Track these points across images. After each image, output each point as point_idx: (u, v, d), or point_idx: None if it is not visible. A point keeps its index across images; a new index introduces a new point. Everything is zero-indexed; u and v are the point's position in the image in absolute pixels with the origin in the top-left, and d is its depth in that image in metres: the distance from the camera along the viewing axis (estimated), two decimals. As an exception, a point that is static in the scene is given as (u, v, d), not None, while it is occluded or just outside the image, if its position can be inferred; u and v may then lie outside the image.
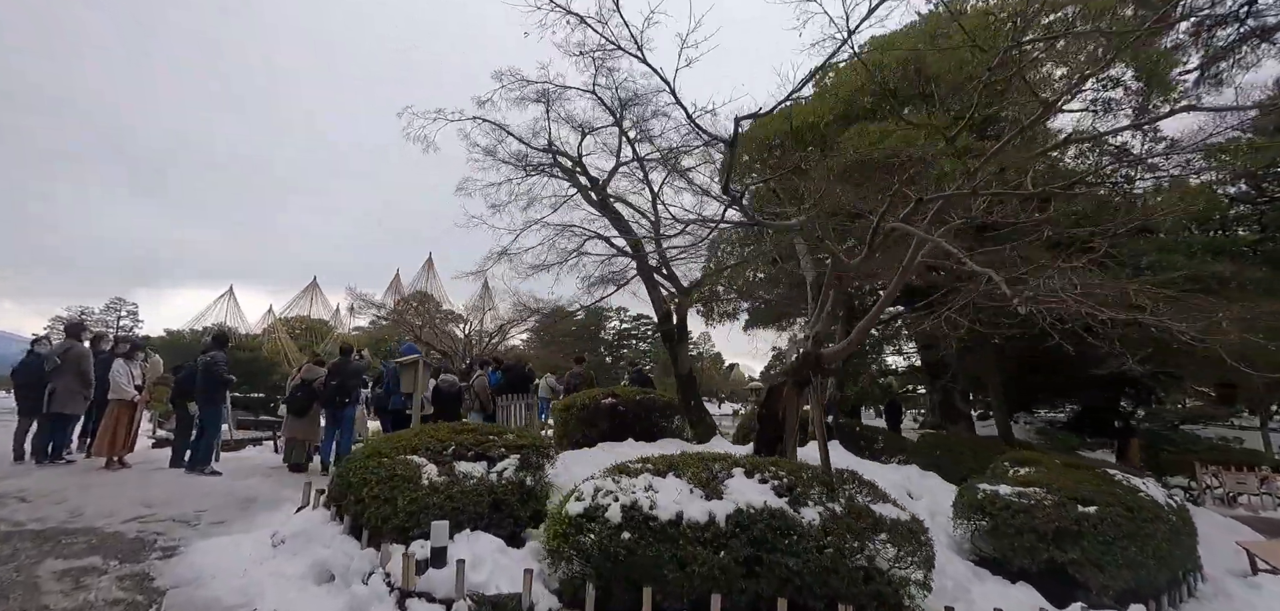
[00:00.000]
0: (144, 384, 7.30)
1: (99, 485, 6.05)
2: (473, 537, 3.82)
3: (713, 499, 3.79)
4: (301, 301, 32.21)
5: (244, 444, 8.72)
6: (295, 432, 7.36)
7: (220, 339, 7.43)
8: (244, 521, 5.20)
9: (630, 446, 7.67)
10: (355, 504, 4.23)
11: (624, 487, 3.88)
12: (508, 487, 4.31)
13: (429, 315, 30.18)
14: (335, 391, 7.20)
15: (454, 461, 4.54)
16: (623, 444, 7.84)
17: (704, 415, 7.74)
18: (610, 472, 4.25)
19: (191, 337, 20.79)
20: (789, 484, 4.09)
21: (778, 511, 3.72)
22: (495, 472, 4.49)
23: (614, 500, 3.68)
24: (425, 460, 4.43)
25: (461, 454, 4.66)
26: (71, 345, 7.25)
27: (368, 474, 4.29)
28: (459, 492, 4.04)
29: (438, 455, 4.56)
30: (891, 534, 3.81)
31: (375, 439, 4.95)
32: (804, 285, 12.07)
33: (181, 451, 7.33)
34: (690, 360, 8.07)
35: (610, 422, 8.22)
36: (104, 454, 6.89)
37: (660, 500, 3.69)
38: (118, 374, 6.98)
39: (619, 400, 8.37)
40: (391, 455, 4.47)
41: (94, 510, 5.16)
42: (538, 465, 4.77)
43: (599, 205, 8.61)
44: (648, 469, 4.23)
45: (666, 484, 3.97)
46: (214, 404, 6.99)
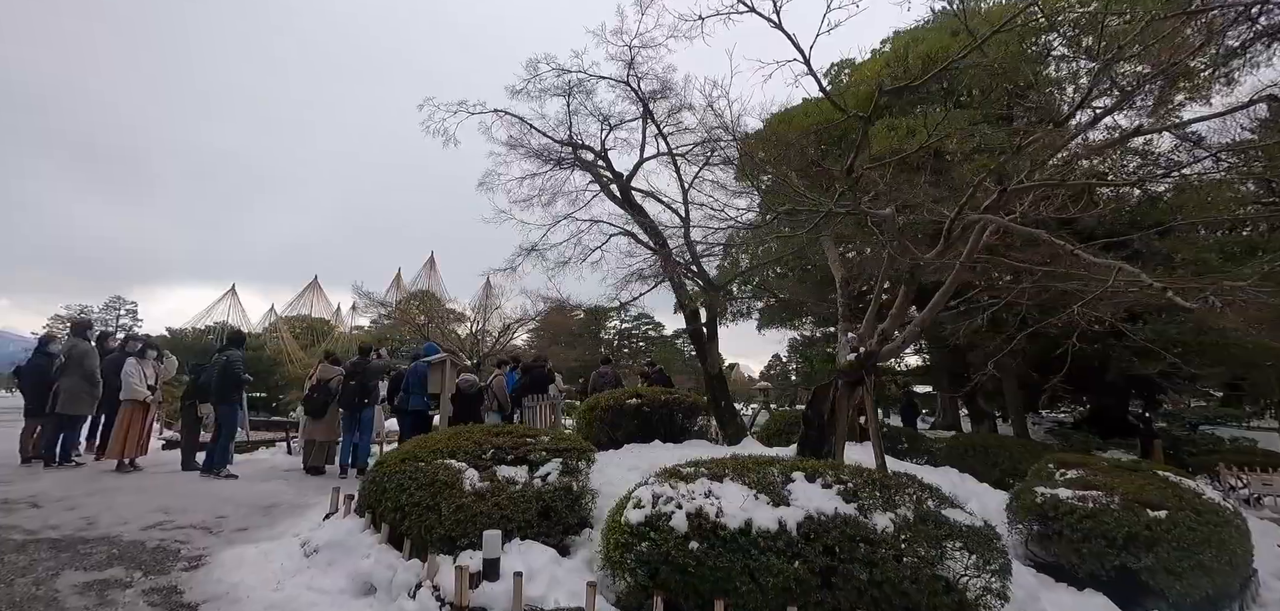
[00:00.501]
0: (157, 384, 7.04)
1: (112, 489, 5.80)
2: (524, 547, 3.60)
3: (780, 505, 3.57)
4: (302, 300, 31.92)
5: (258, 445, 8.46)
6: (314, 434, 7.11)
7: (236, 338, 7.18)
8: (269, 528, 4.96)
9: (658, 448, 7.45)
10: (393, 511, 3.99)
11: (683, 493, 3.65)
12: (555, 493, 4.08)
13: (432, 313, 29.95)
14: (355, 392, 6.95)
15: (494, 465, 4.31)
16: (649, 445, 7.62)
17: (735, 416, 7.52)
18: (662, 477, 4.03)
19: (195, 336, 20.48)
20: (854, 489, 3.87)
21: (850, 518, 3.50)
22: (539, 477, 4.26)
23: (677, 507, 3.46)
24: (465, 465, 4.19)
25: (501, 457, 4.43)
26: (75, 343, 6.99)
27: (405, 479, 4.05)
28: (506, 499, 3.81)
29: (477, 459, 4.33)
30: (966, 541, 3.60)
31: (408, 442, 4.72)
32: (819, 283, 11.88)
33: (191, 453, 7.08)
34: (720, 359, 7.84)
35: (635, 423, 8.00)
36: (116, 456, 6.64)
37: (726, 507, 3.46)
38: (130, 374, 6.72)
39: (644, 400, 8.14)
40: (428, 459, 4.24)
41: (110, 517, 4.91)
42: (580, 469, 4.53)
43: (622, 201, 8.38)
44: (702, 473, 4.01)
45: (727, 489, 3.75)
46: (231, 404, 6.74)
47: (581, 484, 4.34)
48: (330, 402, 7.19)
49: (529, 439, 4.92)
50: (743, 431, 7.28)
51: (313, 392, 7.24)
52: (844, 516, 3.53)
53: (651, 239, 8.25)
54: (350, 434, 7.19)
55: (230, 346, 7.07)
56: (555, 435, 5.20)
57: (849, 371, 4.92)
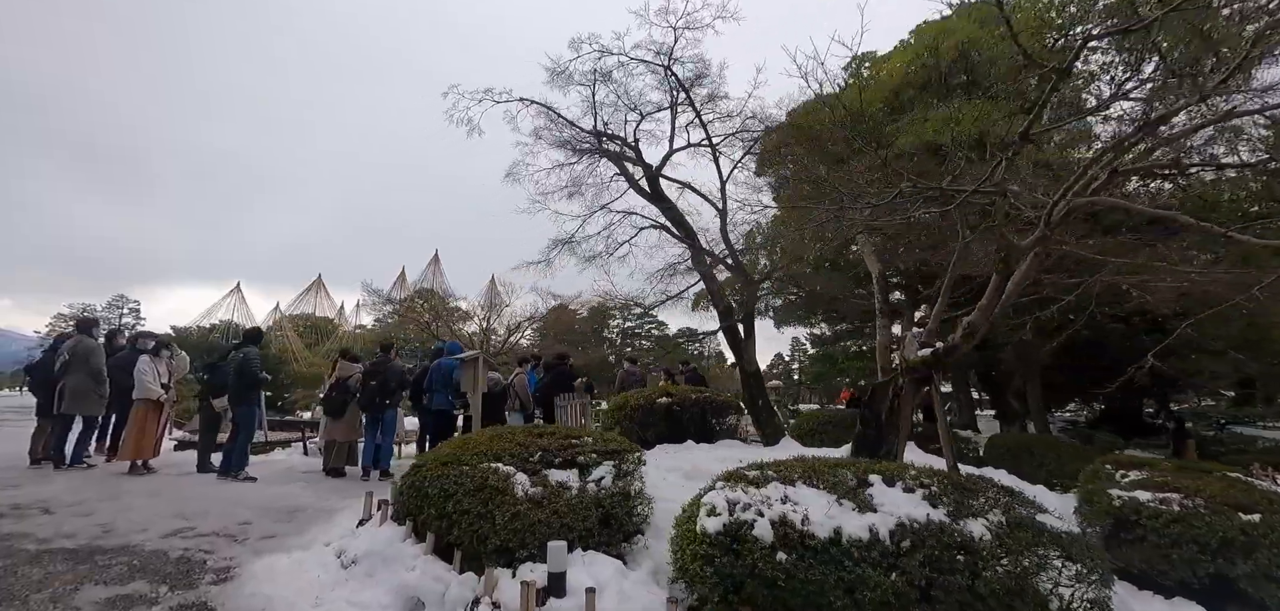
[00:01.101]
0: (170, 382, 6.74)
1: (127, 493, 5.50)
2: (588, 558, 3.30)
3: (866, 511, 3.28)
4: (306, 299, 31.64)
5: (273, 445, 8.15)
6: (333, 434, 6.81)
7: (253, 335, 6.89)
8: (297, 535, 4.66)
9: (692, 450, 7.17)
10: (438, 519, 3.69)
11: (758, 499, 3.36)
12: (613, 499, 3.79)
13: (437, 312, 29.65)
14: (376, 392, 6.65)
15: (543, 469, 4.02)
16: (682, 446, 7.34)
17: (772, 415, 7.23)
18: (729, 481, 3.74)
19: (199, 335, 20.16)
20: (938, 493, 3.58)
21: (944, 526, 3.21)
22: (593, 482, 3.96)
23: (758, 515, 3.16)
24: (513, 469, 3.90)
25: (549, 460, 4.13)
26: (80, 340, 6.68)
27: (450, 485, 3.75)
28: (564, 506, 3.52)
29: (525, 462, 4.03)
30: (1067, 549, 3.31)
31: (447, 444, 4.42)
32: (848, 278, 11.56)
33: (206, 454, 6.78)
34: (754, 356, 7.56)
35: (666, 424, 7.72)
36: (128, 458, 6.34)
37: (811, 515, 3.17)
38: (143, 372, 6.42)
39: (675, 399, 7.86)
40: (472, 463, 3.94)
41: (127, 523, 4.62)
42: (633, 471, 4.24)
43: (650, 194, 8.08)
44: (772, 475, 3.73)
45: (804, 494, 3.46)
46: (248, 404, 6.44)
47: (637, 488, 4.05)
48: (349, 401, 6.89)
49: (573, 440, 4.64)
50: (780, 431, 6.99)
51: (331, 391, 6.94)
52: (938, 523, 3.25)
53: (680, 232, 7.95)
54: (371, 434, 6.89)
55: (247, 343, 6.77)
56: (600, 436, 4.90)
57: (918, 368, 4.62)
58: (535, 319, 23.82)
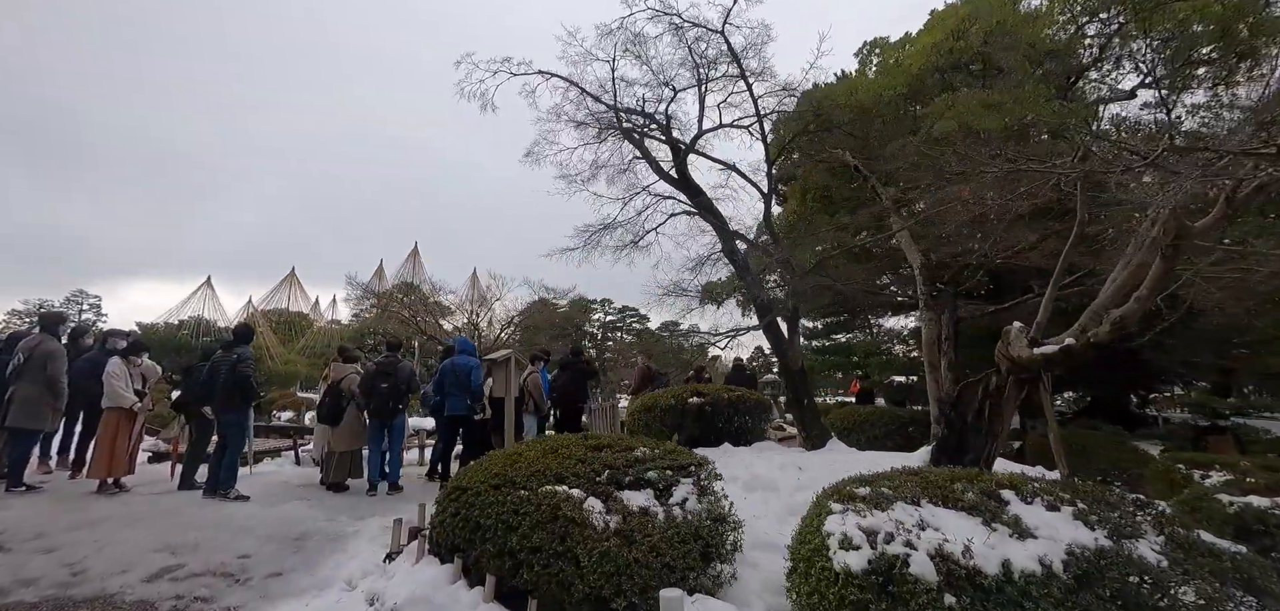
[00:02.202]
0: (146, 388, 5.89)
1: (100, 521, 4.69)
2: (696, 604, 2.71)
3: (1026, 538, 2.77)
4: (280, 293, 30.17)
5: (262, 455, 7.34)
6: (336, 444, 6.06)
7: (243, 333, 6.07)
8: (308, 572, 3.96)
9: (733, 453, 6.63)
10: (498, 557, 3.06)
11: (890, 523, 2.83)
12: (709, 527, 3.21)
13: (415, 307, 28.59)
14: (389, 395, 5.92)
15: (611, 489, 3.42)
16: (719, 450, 6.80)
17: (818, 416, 6.74)
18: (840, 499, 3.20)
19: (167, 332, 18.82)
20: (1083, 508, 3.12)
21: (1117, 553, 2.73)
22: (675, 504, 3.38)
23: (908, 546, 2.62)
24: (582, 491, 3.29)
25: (618, 479, 3.54)
26: (41, 341, 5.77)
27: (510, 514, 3.13)
28: (660, 539, 2.92)
29: (592, 483, 3.43)
30: (1246, 575, 2.87)
31: (490, 460, 3.77)
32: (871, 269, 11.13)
33: (193, 469, 5.97)
34: (802, 354, 7.04)
35: (699, 426, 7.18)
36: (98, 476, 5.50)
37: (974, 547, 2.64)
38: (114, 376, 5.58)
39: (707, 399, 7.31)
40: (532, 485, 3.32)
41: (102, 562, 3.85)
42: (714, 490, 3.67)
43: (677, 180, 7.47)
44: (891, 494, 3.20)
45: (943, 517, 2.94)
46: (239, 412, 5.66)
47: (725, 510, 3.48)
48: (346, 406, 6.14)
49: (632, 452, 4.05)
50: (826, 433, 6.51)
51: (326, 397, 6.17)
52: (1102, 549, 2.77)
53: (708, 219, 7.38)
54: (378, 443, 6.16)
55: (238, 342, 5.96)
56: (657, 444, 4.31)
57: (1029, 366, 4.14)
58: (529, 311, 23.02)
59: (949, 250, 7.17)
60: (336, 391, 6.02)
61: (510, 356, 5.30)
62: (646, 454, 4.00)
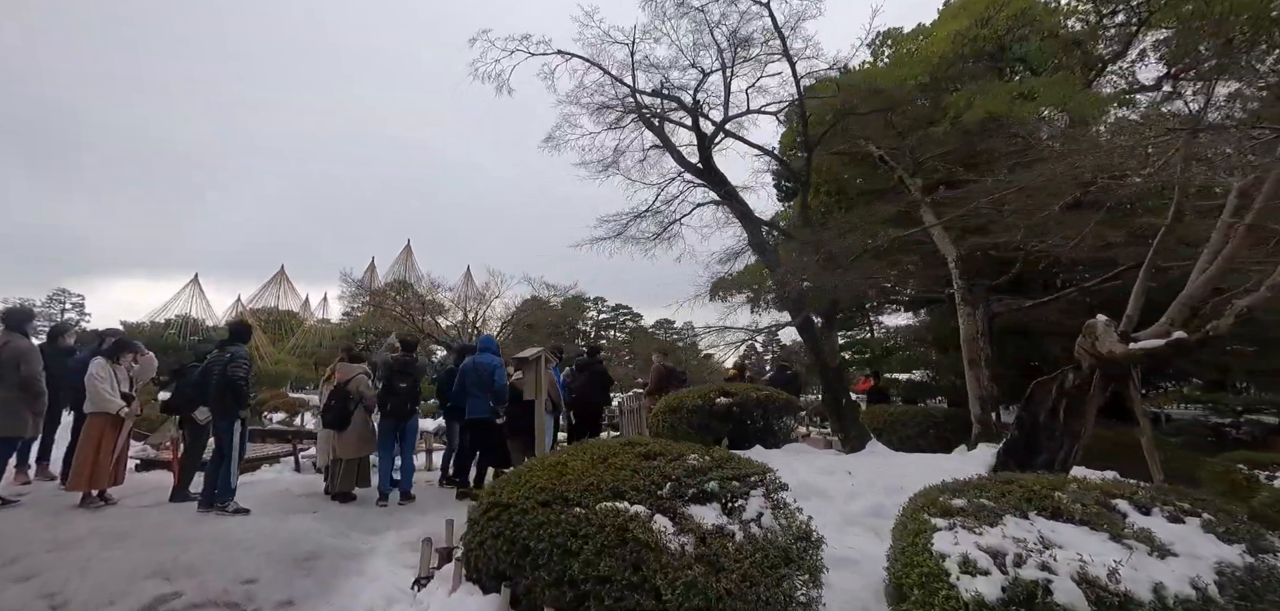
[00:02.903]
0: (134, 391, 5.38)
1: (82, 538, 4.21)
2: (801, 648, 2.31)
3: (1166, 556, 2.43)
4: (269, 291, 29.38)
5: (259, 461, 6.83)
6: (343, 451, 5.59)
7: (239, 330, 5.58)
8: (323, 598, 3.52)
9: (764, 457, 6.25)
10: (554, 587, 2.65)
11: (1010, 542, 2.47)
12: (798, 548, 2.82)
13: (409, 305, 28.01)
14: (407, 397, 5.46)
15: (675, 504, 3.02)
16: (747, 452, 6.42)
17: (856, 416, 6.38)
18: (939, 513, 2.84)
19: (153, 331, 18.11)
20: (1209, 521, 2.80)
21: (1260, 570, 2.42)
22: (751, 520, 2.98)
23: (1046, 570, 2.26)
24: (645, 508, 2.88)
25: (680, 492, 3.13)
26: (6, 341, 5.24)
27: (566, 536, 2.72)
28: (752, 566, 2.52)
29: (653, 496, 3.03)
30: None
31: (531, 474, 3.34)
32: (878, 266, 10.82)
33: (188, 480, 5.48)
34: (839, 351, 6.68)
35: (727, 427, 6.79)
36: (81, 488, 4.99)
37: (1124, 569, 2.28)
38: (98, 378, 5.07)
39: (735, 399, 6.93)
40: (587, 502, 2.91)
41: (87, 590, 3.38)
42: (784, 502, 3.28)
43: (701, 170, 7.07)
44: (984, 502, 2.87)
45: (1065, 533, 2.63)
46: (234, 417, 5.17)
47: (808, 526, 3.09)
48: (353, 409, 5.67)
49: (681, 459, 3.65)
50: (865, 435, 6.16)
51: (329, 399, 5.69)
52: (1260, 569, 2.43)
53: (732, 208, 6.99)
54: (390, 450, 5.70)
55: (233, 340, 5.46)
56: (706, 451, 3.91)
57: (1122, 362, 3.79)
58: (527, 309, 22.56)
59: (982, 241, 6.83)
60: (344, 393, 5.55)
61: (541, 355, 4.86)
62: (701, 462, 3.60)
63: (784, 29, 6.22)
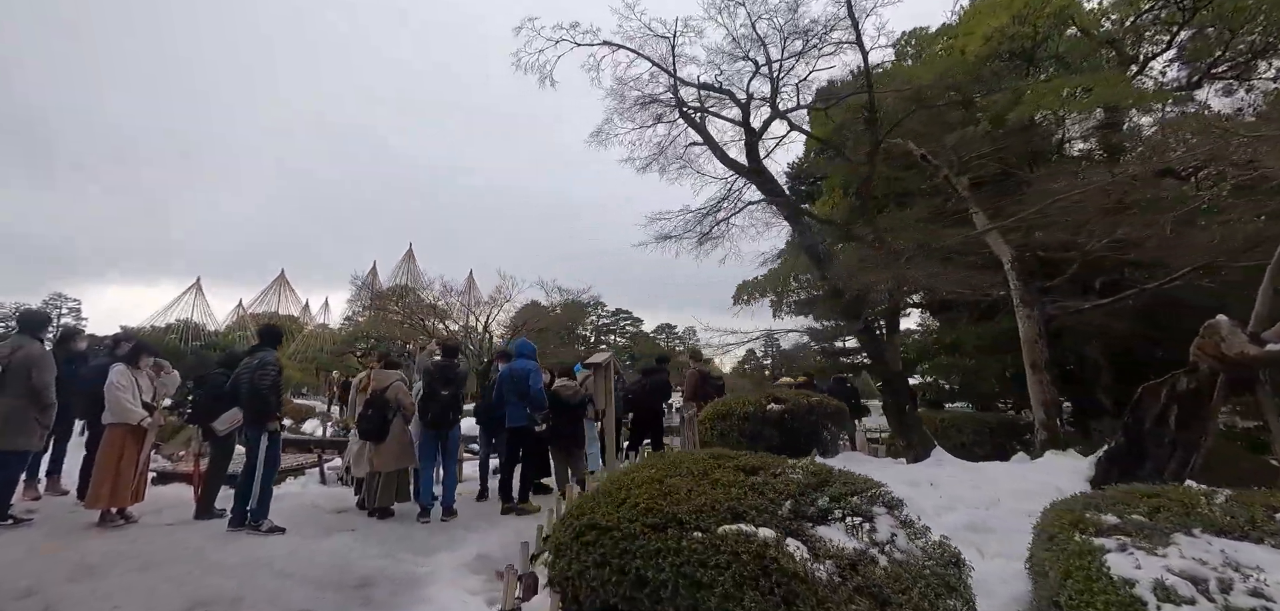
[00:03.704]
0: (156, 401, 4.98)
1: (105, 565, 3.81)
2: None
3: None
4: (269, 296, 28.84)
5: (284, 474, 6.42)
6: (382, 463, 5.21)
7: (268, 335, 5.19)
8: (390, 631, 3.13)
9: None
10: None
11: (1187, 565, 2.17)
12: (953, 575, 2.48)
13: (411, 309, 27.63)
14: (446, 405, 5.10)
15: (799, 525, 2.69)
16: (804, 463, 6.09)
17: (919, 423, 6.06)
18: (1102, 533, 2.53)
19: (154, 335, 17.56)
20: None
21: None
22: (886, 542, 2.65)
23: (1263, 598, 1.96)
24: (771, 531, 2.54)
25: (801, 511, 2.80)
26: (18, 346, 4.84)
27: (693, 565, 2.37)
28: (921, 599, 2.18)
29: (774, 517, 2.69)
30: None
31: (625, 491, 2.98)
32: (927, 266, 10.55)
33: (213, 496, 5.08)
34: (898, 355, 6.36)
35: (779, 434, 6.46)
36: (100, 505, 4.59)
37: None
38: (119, 387, 4.67)
39: (787, 406, 6.59)
40: (705, 526, 2.57)
41: (120, 625, 2.99)
42: (914, 523, 2.95)
43: (748, 168, 6.77)
44: (1138, 518, 2.58)
45: (1245, 551, 2.35)
46: (263, 428, 4.77)
47: (955, 549, 2.76)
48: (391, 418, 5.29)
49: (782, 473, 3.32)
50: (929, 443, 5.84)
51: (366, 409, 5.31)
52: None
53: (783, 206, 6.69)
54: (432, 459, 5.32)
55: (262, 345, 5.08)
56: (799, 463, 3.57)
57: (1250, 365, 3.49)
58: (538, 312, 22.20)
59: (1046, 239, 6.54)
60: (382, 402, 5.16)
61: (610, 360, 4.49)
62: (804, 476, 3.28)
63: (857, 14, 5.92)
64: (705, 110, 6.75)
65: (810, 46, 6.27)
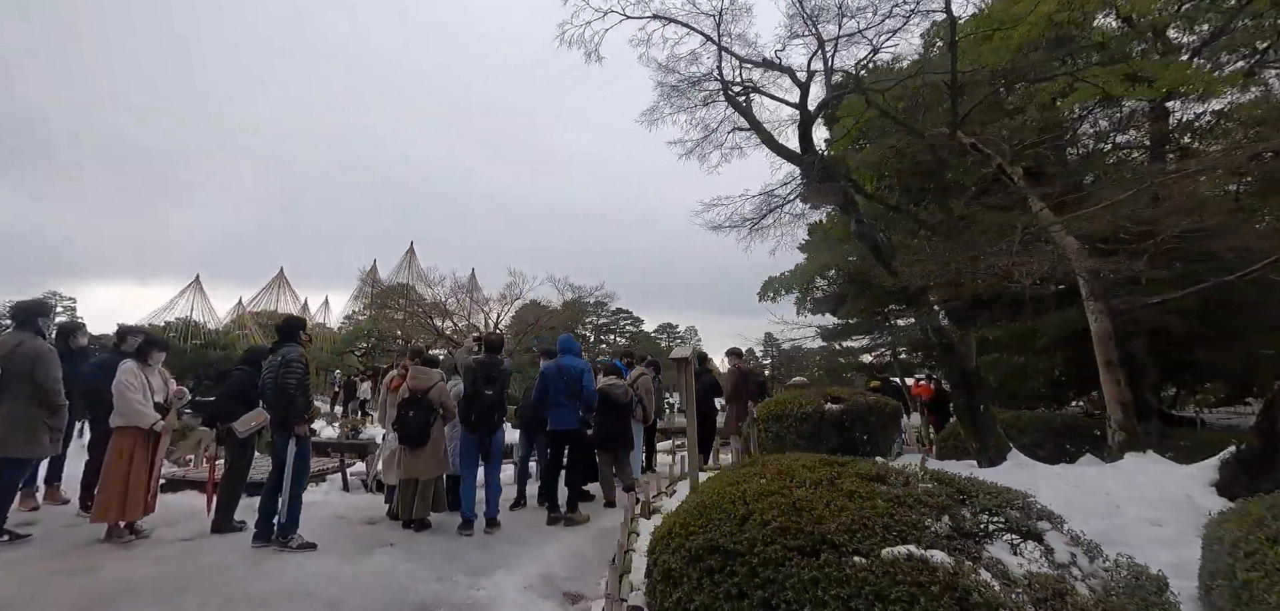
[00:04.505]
0: (169, 403, 4.49)
1: (120, 592, 3.31)
2: None
3: None
4: (268, 294, 28.21)
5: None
6: (421, 471, 4.73)
7: (287, 329, 4.68)
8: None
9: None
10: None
11: None
12: (1158, 601, 2.06)
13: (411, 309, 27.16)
14: (490, 406, 4.63)
15: (975, 546, 2.27)
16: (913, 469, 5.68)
17: (994, 425, 5.64)
18: None
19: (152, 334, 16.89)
20: None
21: None
22: (1072, 566, 2.23)
23: None
24: (944, 554, 2.11)
25: (963, 528, 2.38)
26: (19, 342, 4.35)
27: (867, 600, 1.94)
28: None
29: (934, 535, 2.26)
30: None
31: (749, 507, 2.54)
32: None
33: (231, 508, 4.59)
34: (973, 351, 5.93)
35: (838, 436, 6.04)
36: (108, 518, 4.09)
37: None
38: (128, 386, 4.18)
39: (845, 407, 6.17)
40: (866, 549, 2.13)
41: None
42: (1076, 535, 2.53)
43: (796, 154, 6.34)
44: None
45: None
46: (295, 433, 4.29)
47: (1151, 569, 2.33)
48: (433, 421, 4.82)
49: (913, 483, 2.89)
50: (1005, 446, 5.42)
51: (406, 410, 4.82)
52: None
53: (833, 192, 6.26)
54: (474, 466, 4.85)
55: (282, 341, 4.58)
56: (925, 471, 3.14)
57: None
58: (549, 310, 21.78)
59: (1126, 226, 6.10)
60: (424, 403, 4.68)
61: (691, 354, 4.00)
62: (935, 487, 2.85)
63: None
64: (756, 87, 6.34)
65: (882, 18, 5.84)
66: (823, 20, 5.97)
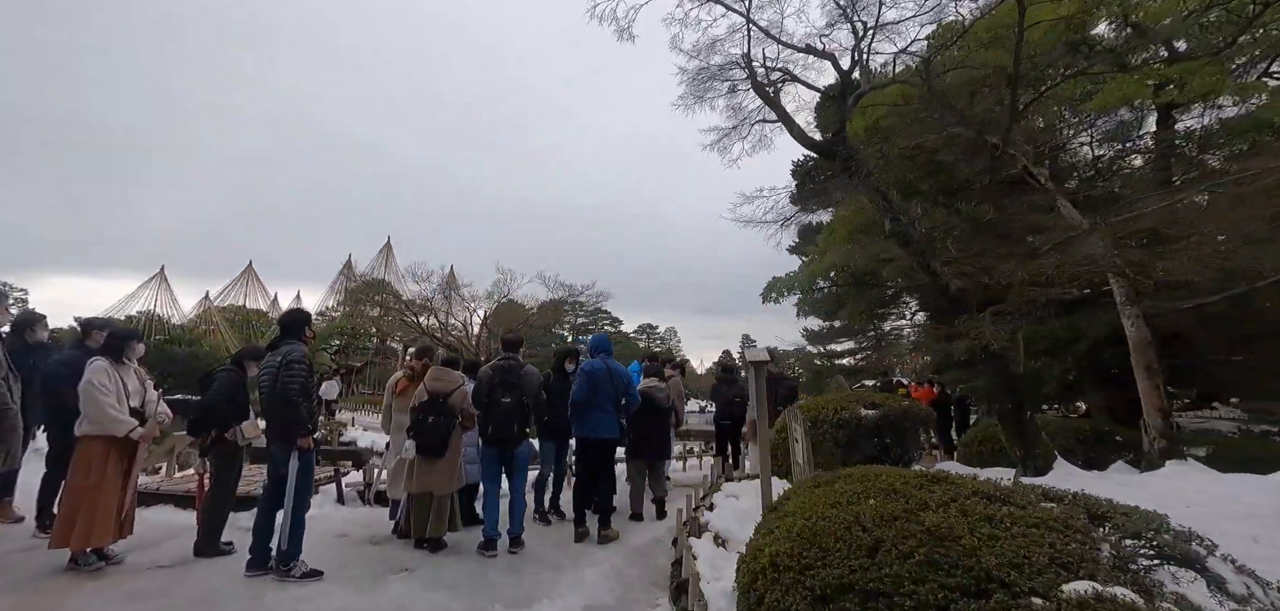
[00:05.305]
0: (146, 408, 3.90)
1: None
2: None
3: None
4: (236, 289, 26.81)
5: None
6: (438, 485, 4.24)
7: (289, 324, 4.13)
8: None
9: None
10: None
11: None
12: None
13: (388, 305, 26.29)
14: (513, 413, 4.16)
15: (1132, 575, 1.95)
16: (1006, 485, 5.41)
17: (1039, 434, 5.42)
18: None
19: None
20: None
21: None
22: (1247, 599, 1.94)
23: None
24: (1128, 591, 1.79)
25: (1124, 559, 2.06)
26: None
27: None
28: None
29: (1099, 566, 1.95)
30: None
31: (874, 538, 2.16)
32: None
33: (216, 527, 4.03)
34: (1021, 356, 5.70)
35: (874, 442, 5.77)
36: (73, 544, 3.50)
37: None
38: (98, 387, 3.59)
39: (883, 413, 5.89)
40: (1036, 588, 1.80)
41: None
42: (1239, 563, 2.25)
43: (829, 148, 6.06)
44: None
45: None
46: (298, 446, 3.75)
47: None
48: (454, 429, 4.34)
49: (1034, 503, 2.57)
50: (1051, 454, 5.20)
51: (423, 416, 4.31)
52: None
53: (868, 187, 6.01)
54: (497, 480, 4.38)
55: (284, 338, 4.03)
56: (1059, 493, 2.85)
57: None
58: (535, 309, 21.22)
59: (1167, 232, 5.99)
60: (445, 408, 4.19)
61: (766, 359, 3.59)
62: (1061, 510, 2.54)
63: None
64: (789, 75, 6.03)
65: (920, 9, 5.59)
66: (860, 7, 5.71)
